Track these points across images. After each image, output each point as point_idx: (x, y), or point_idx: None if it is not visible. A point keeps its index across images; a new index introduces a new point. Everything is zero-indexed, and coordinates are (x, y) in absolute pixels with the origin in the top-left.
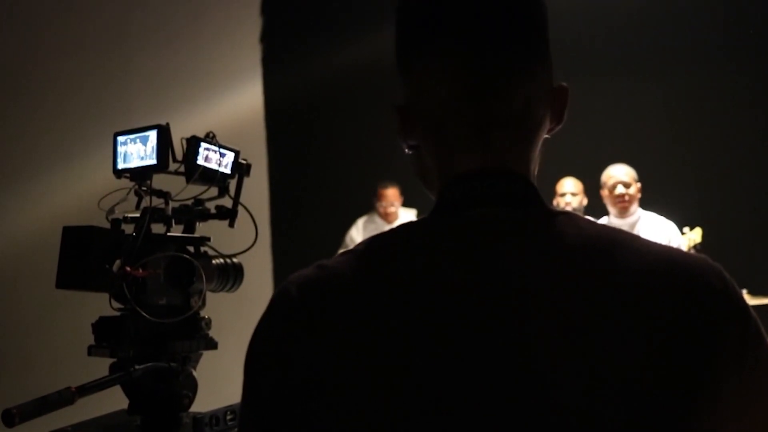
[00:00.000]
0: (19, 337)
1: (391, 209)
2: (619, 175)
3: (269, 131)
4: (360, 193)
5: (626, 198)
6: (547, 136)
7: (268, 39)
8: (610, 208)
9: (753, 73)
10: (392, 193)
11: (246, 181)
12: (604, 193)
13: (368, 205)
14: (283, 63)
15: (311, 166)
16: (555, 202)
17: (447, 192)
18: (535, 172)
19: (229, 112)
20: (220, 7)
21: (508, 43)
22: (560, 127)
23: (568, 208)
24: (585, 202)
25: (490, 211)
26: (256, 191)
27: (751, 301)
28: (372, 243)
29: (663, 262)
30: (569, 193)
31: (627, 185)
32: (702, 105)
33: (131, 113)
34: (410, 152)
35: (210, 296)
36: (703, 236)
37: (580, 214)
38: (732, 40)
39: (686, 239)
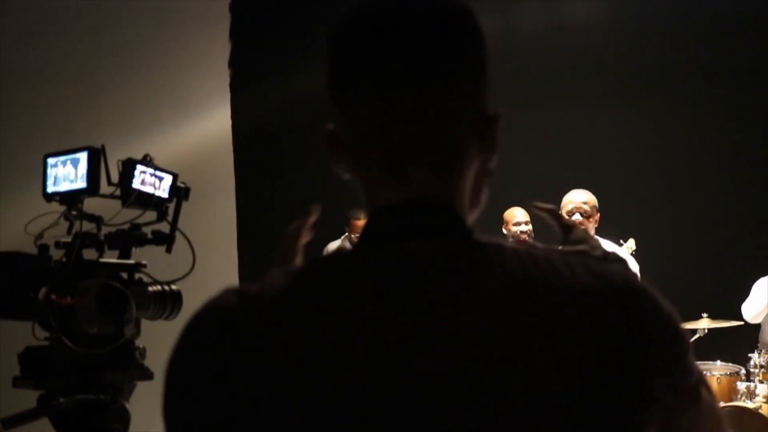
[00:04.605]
0: None
1: None
2: (576, 200)
3: (237, 155)
4: (329, 218)
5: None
6: (490, 165)
7: (236, 63)
8: None
9: (714, 97)
10: (362, 225)
11: (214, 205)
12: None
13: (338, 229)
14: (251, 87)
15: (279, 191)
16: (507, 231)
17: (372, 224)
18: (473, 203)
19: (198, 137)
20: (188, 32)
21: (423, 79)
22: (496, 155)
23: (525, 236)
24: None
25: (414, 245)
26: (224, 216)
27: (710, 324)
28: (293, 273)
29: (593, 283)
30: (524, 222)
31: (586, 214)
32: (671, 126)
33: (99, 138)
34: (348, 177)
35: (158, 324)
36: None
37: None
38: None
39: (625, 248)
